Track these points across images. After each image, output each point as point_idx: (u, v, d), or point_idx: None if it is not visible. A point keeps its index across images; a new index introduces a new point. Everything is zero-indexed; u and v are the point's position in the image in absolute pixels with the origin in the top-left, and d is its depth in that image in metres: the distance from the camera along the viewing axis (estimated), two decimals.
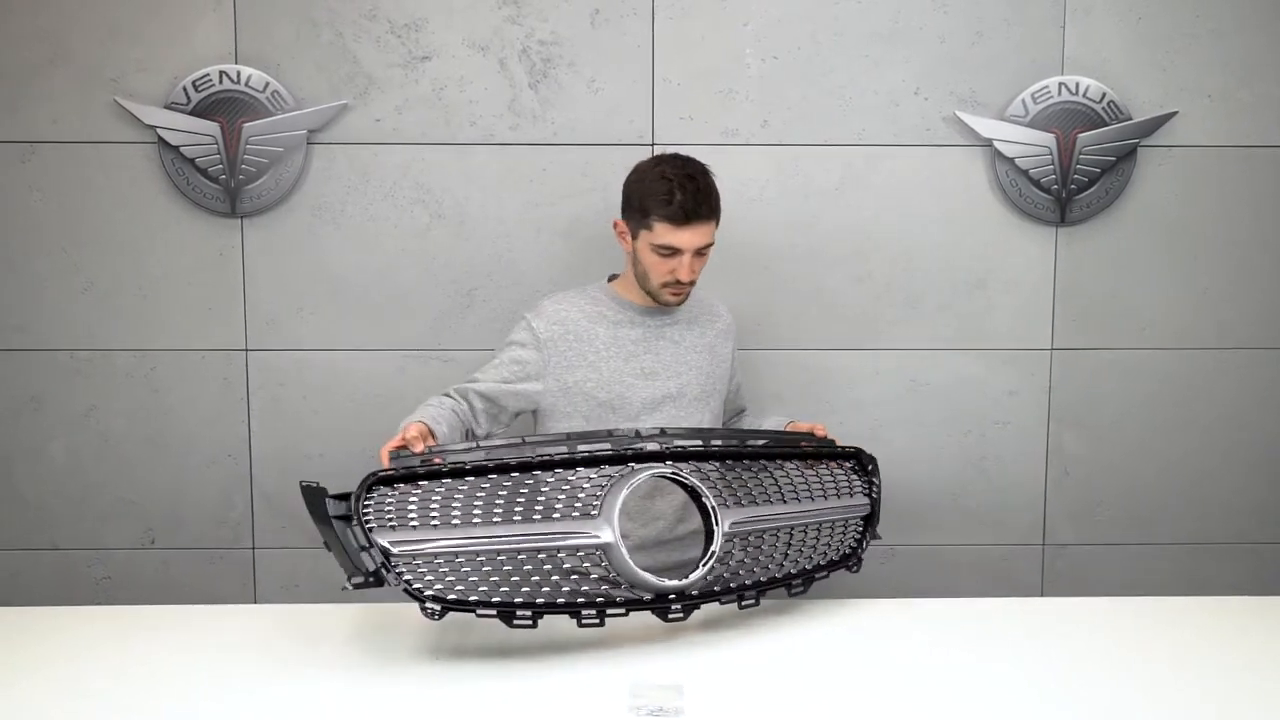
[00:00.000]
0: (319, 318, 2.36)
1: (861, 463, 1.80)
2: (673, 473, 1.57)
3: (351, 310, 2.36)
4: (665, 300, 1.83)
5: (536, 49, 2.30)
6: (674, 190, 1.74)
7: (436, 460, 1.51)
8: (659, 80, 2.31)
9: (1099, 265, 2.38)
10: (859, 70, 2.32)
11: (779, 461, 1.71)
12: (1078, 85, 2.30)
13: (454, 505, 1.49)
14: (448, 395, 1.82)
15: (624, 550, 1.51)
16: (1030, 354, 2.41)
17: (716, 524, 1.57)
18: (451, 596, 1.45)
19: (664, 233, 1.75)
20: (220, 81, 2.26)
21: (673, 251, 1.76)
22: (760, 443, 1.71)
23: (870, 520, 1.79)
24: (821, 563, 1.72)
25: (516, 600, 1.48)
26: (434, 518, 1.47)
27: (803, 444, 1.76)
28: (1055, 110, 2.31)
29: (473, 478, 1.51)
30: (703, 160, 2.25)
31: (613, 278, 1.93)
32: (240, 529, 2.41)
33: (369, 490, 1.46)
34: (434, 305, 2.36)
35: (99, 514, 2.39)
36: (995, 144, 2.32)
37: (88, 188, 2.30)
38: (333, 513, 1.46)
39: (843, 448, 1.80)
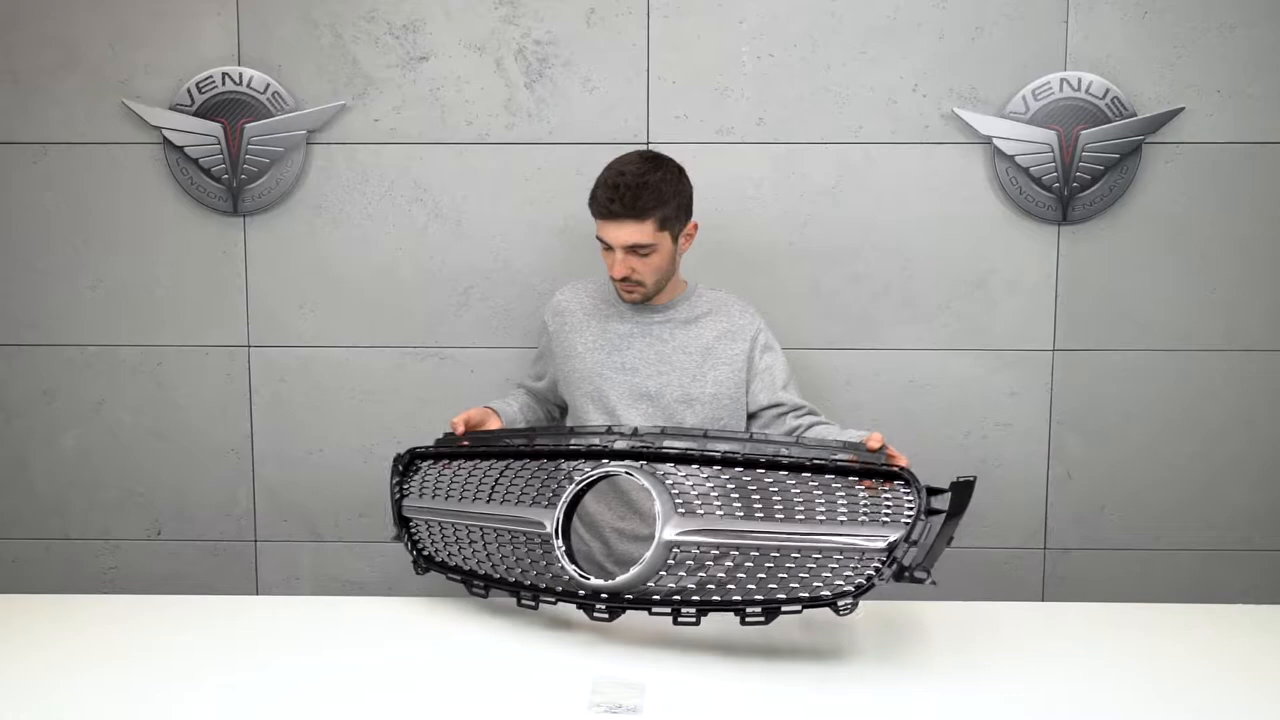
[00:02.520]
0: (319, 315, 2.39)
1: (914, 486, 1.45)
2: (625, 472, 1.56)
3: (351, 308, 2.39)
4: (620, 296, 1.85)
5: (532, 49, 2.31)
6: (602, 184, 1.76)
7: (464, 444, 1.77)
8: (654, 79, 2.31)
9: (1102, 265, 2.34)
10: (856, 67, 2.30)
11: (805, 477, 1.49)
12: (1080, 81, 2.26)
13: (458, 484, 1.73)
14: (522, 386, 2.08)
15: (557, 543, 1.58)
16: (1031, 355, 2.37)
17: (659, 532, 1.52)
18: (438, 559, 1.74)
19: (598, 224, 1.80)
20: (223, 83, 2.30)
21: (607, 245, 1.78)
22: (778, 454, 1.52)
23: (891, 554, 1.42)
24: (804, 594, 1.45)
25: (478, 572, 1.68)
26: (445, 493, 1.74)
27: (837, 459, 1.50)
28: (1057, 107, 2.27)
29: (479, 461, 1.73)
30: (697, 158, 2.25)
31: None
32: (243, 522, 2.45)
33: (410, 464, 1.81)
34: (431, 303, 2.38)
35: (108, 505, 2.46)
36: (995, 141, 2.28)
37: (96, 187, 2.36)
38: (390, 478, 1.82)
39: (884, 467, 1.48)
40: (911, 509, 1.43)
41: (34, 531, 2.46)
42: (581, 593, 1.57)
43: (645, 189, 1.75)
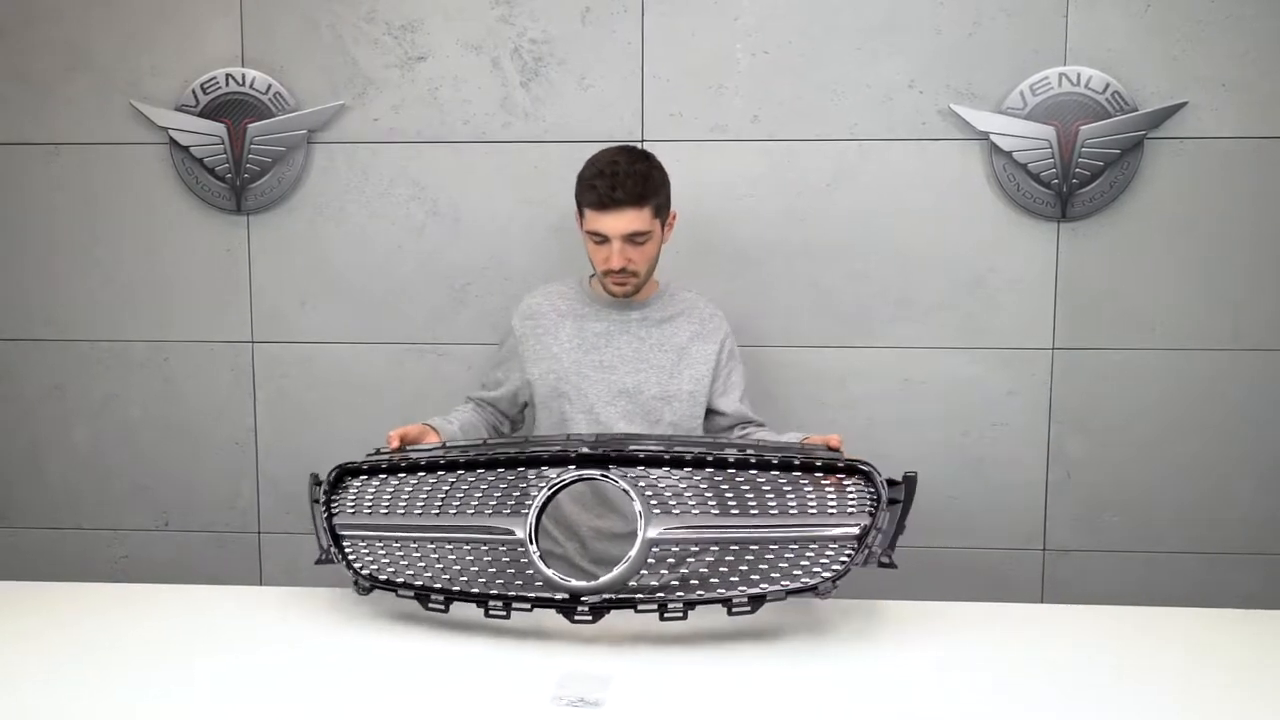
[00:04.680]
0: (320, 312, 2.43)
1: (871, 479, 1.55)
2: (601, 476, 1.55)
3: (351, 305, 2.43)
4: (610, 290, 1.86)
5: (528, 48, 2.33)
6: (597, 176, 1.77)
7: (397, 458, 1.68)
8: (649, 77, 2.32)
9: (1103, 262, 2.30)
10: (852, 64, 2.29)
11: (773, 474, 1.55)
12: (1079, 76, 2.23)
13: (402, 497, 1.65)
14: (471, 400, 2.02)
15: (533, 549, 1.54)
16: (1030, 353, 2.34)
17: (641, 530, 1.53)
18: (382, 577, 1.62)
19: (591, 218, 1.79)
20: (226, 84, 2.35)
21: (603, 238, 1.79)
22: (745, 453, 1.57)
23: (861, 542, 1.50)
24: (789, 586, 1.50)
25: (434, 585, 1.59)
26: (384, 507, 1.65)
27: (798, 456, 1.57)
28: (1055, 102, 2.24)
29: (424, 473, 1.65)
30: (692, 156, 2.24)
31: None
32: (247, 514, 2.50)
33: (339, 480, 1.69)
34: (429, 300, 2.41)
35: (118, 497, 2.52)
36: (992, 137, 2.26)
37: (105, 187, 2.42)
38: (311, 497, 1.71)
39: (842, 461, 1.57)
40: (872, 500, 1.53)
41: (47, 521, 2.53)
42: (560, 596, 1.54)
43: (643, 176, 1.79)
